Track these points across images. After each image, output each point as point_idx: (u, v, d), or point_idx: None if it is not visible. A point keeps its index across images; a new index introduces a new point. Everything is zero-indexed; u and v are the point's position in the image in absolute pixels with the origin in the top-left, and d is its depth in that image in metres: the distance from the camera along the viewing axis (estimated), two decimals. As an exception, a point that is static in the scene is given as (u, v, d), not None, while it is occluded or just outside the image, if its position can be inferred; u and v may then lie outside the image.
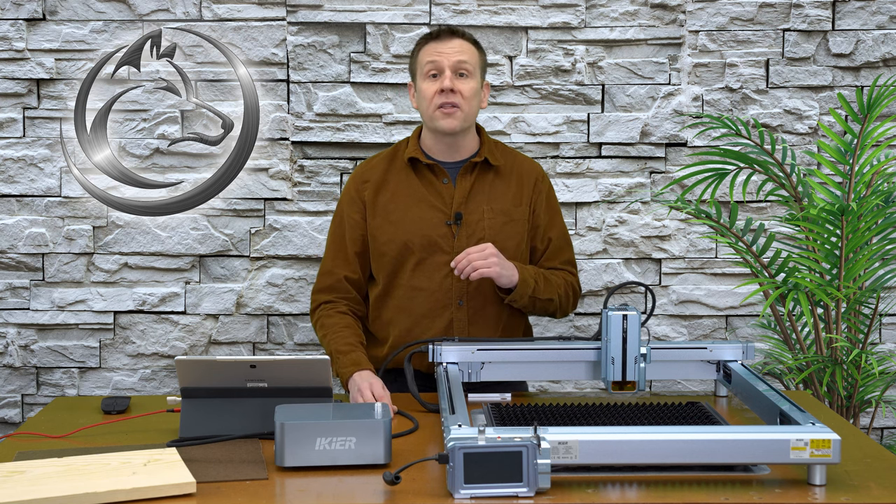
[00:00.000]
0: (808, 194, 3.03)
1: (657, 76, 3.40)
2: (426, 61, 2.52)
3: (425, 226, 2.54)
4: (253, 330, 3.44)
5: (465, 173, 2.58)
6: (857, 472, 1.86)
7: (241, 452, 1.96)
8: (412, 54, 2.61)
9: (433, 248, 2.54)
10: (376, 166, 2.63)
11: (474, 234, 2.55)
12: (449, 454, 1.71)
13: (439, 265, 2.54)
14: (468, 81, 2.51)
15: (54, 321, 3.41)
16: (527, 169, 2.65)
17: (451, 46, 2.51)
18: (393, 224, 2.55)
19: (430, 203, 2.56)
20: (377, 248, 2.57)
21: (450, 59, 2.50)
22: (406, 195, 2.57)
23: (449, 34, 2.54)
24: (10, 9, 3.31)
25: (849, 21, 3.38)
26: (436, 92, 2.50)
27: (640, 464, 1.80)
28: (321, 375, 2.06)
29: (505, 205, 2.59)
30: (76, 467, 1.82)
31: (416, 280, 2.55)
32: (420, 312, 2.54)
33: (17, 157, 3.36)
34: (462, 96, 2.49)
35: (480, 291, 2.55)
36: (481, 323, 2.56)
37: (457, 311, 2.55)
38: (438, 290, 2.54)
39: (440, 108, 2.50)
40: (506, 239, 2.56)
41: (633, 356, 2.27)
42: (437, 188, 2.57)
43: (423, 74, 2.53)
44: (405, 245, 2.54)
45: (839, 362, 2.93)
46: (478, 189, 2.58)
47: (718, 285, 3.46)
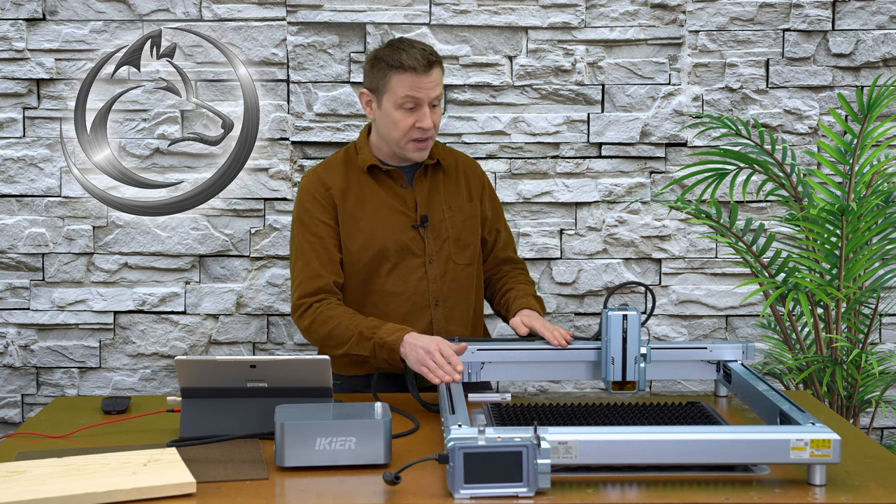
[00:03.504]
0: (808, 194, 3.03)
1: (657, 76, 3.41)
2: (404, 94, 2.45)
3: (395, 231, 2.55)
4: (253, 330, 3.44)
5: (420, 176, 2.59)
6: (857, 472, 1.86)
7: (241, 452, 1.96)
8: (376, 67, 2.50)
9: (406, 252, 2.56)
10: (334, 172, 2.59)
11: (440, 234, 2.58)
12: (449, 454, 1.71)
13: (412, 268, 2.56)
14: (438, 109, 2.51)
15: (54, 321, 3.41)
16: (469, 165, 2.70)
17: (430, 80, 2.46)
18: (363, 231, 2.54)
19: (394, 208, 2.56)
20: (349, 255, 2.55)
21: (429, 96, 2.46)
22: (371, 202, 2.56)
23: (427, 66, 2.45)
24: (10, 9, 3.31)
25: (849, 21, 3.38)
26: (412, 126, 2.47)
27: (640, 464, 1.80)
28: (321, 375, 2.06)
29: (460, 202, 2.63)
30: (76, 467, 1.82)
31: (391, 285, 2.55)
32: (399, 316, 2.54)
33: (17, 157, 3.36)
34: (435, 127, 2.51)
35: (452, 291, 2.59)
36: (456, 320, 2.60)
37: (434, 311, 2.57)
38: (414, 293, 2.56)
39: (415, 141, 2.49)
40: (468, 235, 2.62)
41: (633, 356, 2.27)
42: (398, 193, 2.57)
43: (396, 103, 2.46)
44: (379, 252, 2.54)
45: (839, 362, 2.93)
46: (434, 190, 2.60)
47: (718, 285, 3.46)
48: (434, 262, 2.57)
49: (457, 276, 2.60)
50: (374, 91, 2.52)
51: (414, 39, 2.55)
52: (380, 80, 2.49)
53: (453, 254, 2.59)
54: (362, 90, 2.56)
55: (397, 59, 2.45)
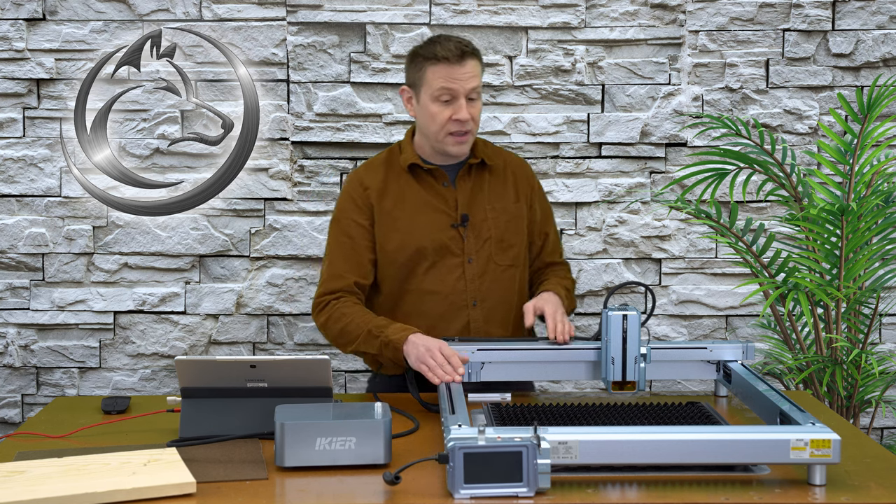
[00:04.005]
0: (808, 194, 3.03)
1: (657, 76, 3.40)
2: (439, 86, 2.44)
3: (434, 230, 2.53)
4: (253, 330, 3.44)
5: (464, 175, 2.57)
6: (857, 472, 1.86)
7: (241, 452, 1.96)
8: (413, 62, 2.52)
9: (444, 251, 2.53)
10: (374, 172, 2.59)
11: (481, 234, 2.55)
12: (449, 454, 1.71)
13: (450, 268, 2.54)
14: (477, 103, 2.48)
15: (54, 321, 3.41)
16: (518, 166, 2.67)
17: (465, 72, 2.44)
18: (400, 231, 2.53)
19: (434, 207, 2.55)
20: (385, 255, 2.55)
21: (465, 87, 2.44)
22: (411, 201, 2.55)
23: (460, 56, 2.44)
24: (10, 9, 3.31)
25: (849, 21, 3.38)
26: (449, 119, 2.46)
27: (640, 464, 1.80)
28: (321, 375, 2.06)
29: (506, 203, 2.59)
30: (76, 467, 1.82)
31: (428, 284, 2.54)
32: (435, 315, 2.53)
33: (17, 157, 3.36)
34: (473, 121, 2.48)
35: (492, 292, 2.56)
36: (496, 322, 2.56)
37: (472, 311, 2.55)
38: (452, 292, 2.54)
39: (453, 134, 2.47)
40: (511, 236, 2.58)
41: (633, 356, 2.27)
42: (440, 192, 2.56)
43: (432, 96, 2.46)
44: (417, 251, 2.52)
45: (839, 362, 2.93)
46: (478, 189, 2.58)
47: (718, 285, 3.46)
48: (473, 262, 2.54)
49: (498, 276, 2.56)
50: (412, 86, 2.52)
51: (452, 35, 2.55)
52: (417, 74, 2.49)
53: (494, 254, 2.56)
54: (402, 87, 2.56)
55: (431, 50, 2.46)
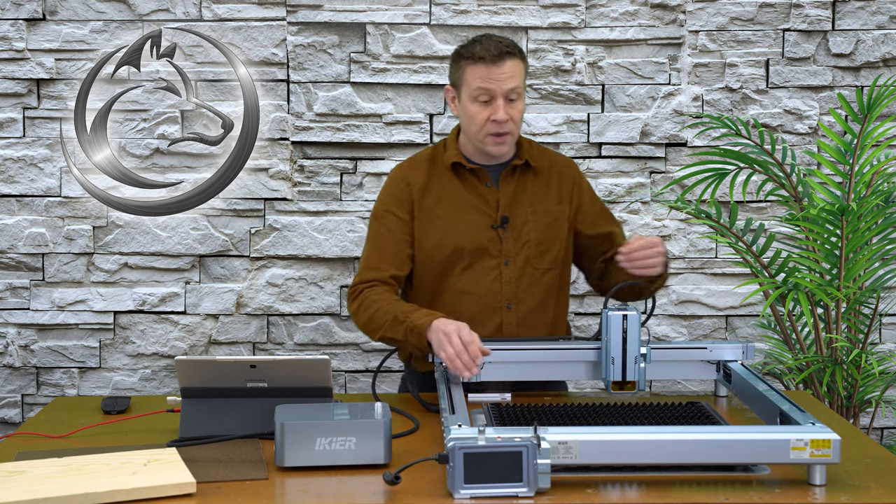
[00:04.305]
0: (808, 194, 3.03)
1: (657, 76, 3.40)
2: (476, 86, 2.41)
3: (473, 230, 2.50)
4: (253, 330, 3.44)
5: (507, 176, 2.52)
6: (857, 472, 1.86)
7: (241, 452, 1.96)
8: (455, 62, 2.48)
9: (482, 252, 2.50)
10: (418, 169, 2.55)
11: (520, 237, 2.51)
12: (449, 454, 1.71)
13: (487, 269, 2.51)
14: (518, 104, 2.44)
15: (54, 321, 3.41)
16: (564, 166, 2.61)
17: (503, 72, 2.40)
18: (439, 229, 2.50)
19: (475, 207, 2.51)
20: (423, 252, 2.52)
21: (502, 88, 2.40)
22: (452, 200, 2.52)
23: (498, 56, 2.40)
24: (10, 9, 3.31)
25: (849, 21, 3.38)
26: (487, 119, 2.42)
27: (640, 464, 1.80)
28: (321, 375, 2.06)
29: (548, 205, 2.55)
30: (76, 467, 1.82)
31: (464, 284, 2.51)
32: (469, 315, 2.48)
33: (17, 157, 3.36)
34: (513, 122, 2.44)
35: (529, 295, 2.52)
36: (530, 325, 2.54)
37: (506, 314, 2.52)
38: (486, 293, 2.51)
39: (492, 135, 2.43)
40: (550, 241, 2.54)
41: (633, 356, 2.27)
42: (481, 192, 2.52)
43: (471, 96, 2.43)
44: (454, 250, 2.50)
45: (839, 362, 2.93)
46: (520, 191, 2.53)
47: (718, 285, 3.46)
48: (511, 265, 2.51)
49: (535, 280, 2.52)
50: (454, 86, 2.49)
51: (495, 34, 2.52)
52: (458, 73, 2.47)
53: (533, 257, 2.52)
54: (446, 86, 2.53)
55: (471, 50, 2.43)
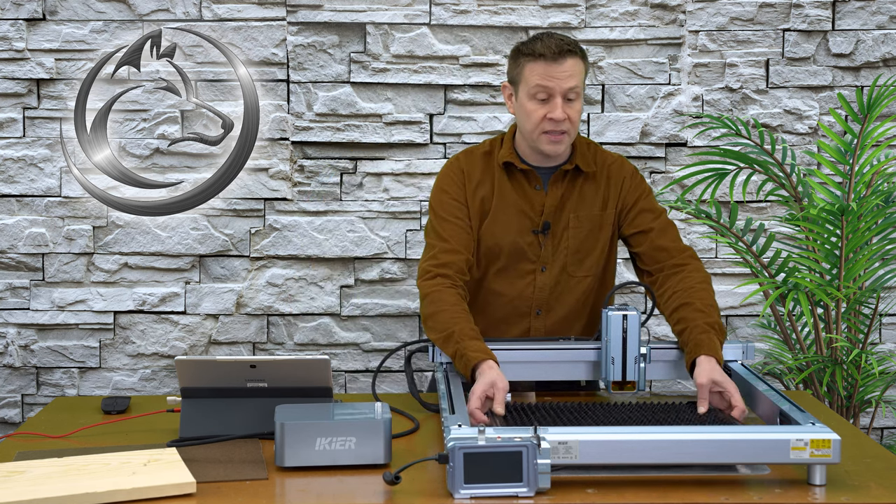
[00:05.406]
0: (808, 194, 3.03)
1: (657, 76, 3.40)
2: (535, 83, 2.36)
3: (514, 233, 2.47)
4: (253, 330, 3.44)
5: (557, 180, 2.47)
6: (857, 472, 1.86)
7: (241, 452, 1.96)
8: (514, 59, 2.43)
9: (519, 256, 2.47)
10: (475, 162, 2.51)
11: (559, 244, 2.47)
12: (449, 454, 1.71)
13: (522, 273, 2.48)
14: (577, 104, 2.39)
15: (54, 321, 3.41)
16: (615, 169, 2.53)
17: (563, 70, 2.35)
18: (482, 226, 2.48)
19: (520, 209, 2.47)
20: None
21: (561, 87, 2.35)
22: (498, 198, 2.48)
23: (559, 54, 2.35)
24: (10, 9, 3.31)
25: (849, 21, 3.38)
26: (544, 117, 2.37)
27: (640, 464, 1.80)
28: (321, 375, 2.06)
29: (592, 211, 2.49)
30: (76, 467, 1.82)
31: (497, 284, 2.49)
32: (498, 317, 2.48)
33: (17, 157, 3.36)
34: (570, 121, 2.39)
35: (561, 302, 2.50)
36: (558, 332, 2.51)
37: (535, 319, 2.50)
38: (518, 297, 2.48)
39: (547, 133, 2.39)
40: (590, 248, 2.49)
41: (633, 356, 2.27)
42: (529, 194, 2.47)
43: (529, 94, 2.38)
44: (492, 249, 2.47)
45: (839, 362, 2.93)
46: (567, 196, 2.48)
47: (718, 285, 3.46)
48: (546, 272, 2.48)
49: (570, 287, 2.49)
50: (512, 83, 2.45)
51: (556, 32, 2.48)
52: (516, 70, 2.42)
53: (569, 265, 2.48)
54: (504, 83, 2.49)
55: (531, 47, 2.38)
